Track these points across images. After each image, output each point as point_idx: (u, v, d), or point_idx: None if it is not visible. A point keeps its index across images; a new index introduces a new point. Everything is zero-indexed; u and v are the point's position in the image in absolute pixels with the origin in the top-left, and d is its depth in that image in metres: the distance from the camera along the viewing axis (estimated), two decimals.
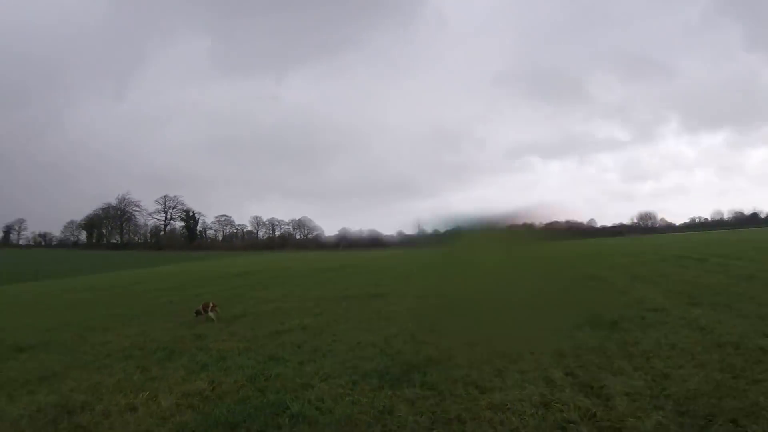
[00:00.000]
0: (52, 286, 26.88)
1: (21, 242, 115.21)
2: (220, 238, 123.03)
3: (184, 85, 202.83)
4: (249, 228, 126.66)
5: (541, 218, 9.84)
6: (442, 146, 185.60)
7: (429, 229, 10.94)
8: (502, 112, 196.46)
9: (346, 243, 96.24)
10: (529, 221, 9.35)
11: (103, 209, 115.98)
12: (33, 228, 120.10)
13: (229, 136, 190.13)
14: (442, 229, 10.21)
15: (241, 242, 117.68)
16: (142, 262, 50.79)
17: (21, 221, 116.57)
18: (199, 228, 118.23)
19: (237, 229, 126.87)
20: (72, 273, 37.26)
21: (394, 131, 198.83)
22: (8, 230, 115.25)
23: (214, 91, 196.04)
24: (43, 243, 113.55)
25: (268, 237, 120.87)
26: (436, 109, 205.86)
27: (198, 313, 11.24)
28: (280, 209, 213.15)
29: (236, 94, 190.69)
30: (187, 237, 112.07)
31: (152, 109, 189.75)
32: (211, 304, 11.27)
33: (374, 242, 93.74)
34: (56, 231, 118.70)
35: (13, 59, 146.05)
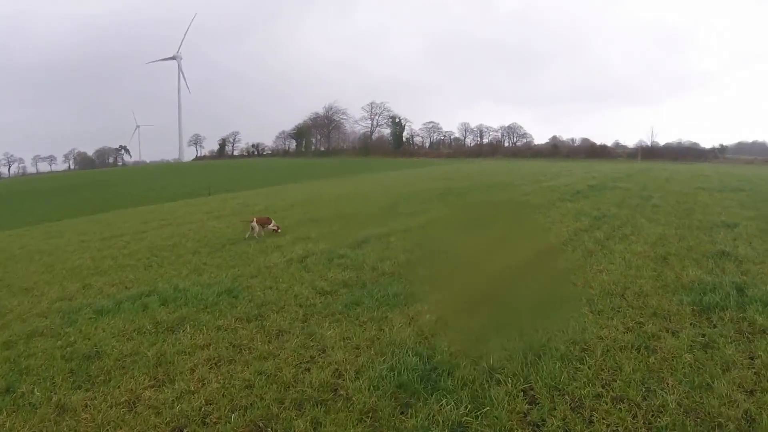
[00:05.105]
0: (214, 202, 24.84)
1: (235, 153, 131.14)
2: (427, 144, 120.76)
3: None
4: (456, 135, 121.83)
5: None
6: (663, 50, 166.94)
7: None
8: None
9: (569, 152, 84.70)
10: None
11: (311, 119, 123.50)
12: (247, 139, 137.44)
13: (444, 44, 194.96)
14: None
15: (448, 149, 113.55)
16: (341, 170, 50.54)
17: (235, 134, 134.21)
18: (405, 134, 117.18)
19: (444, 136, 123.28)
20: (255, 186, 37.91)
21: (614, 34, 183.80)
22: (223, 143, 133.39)
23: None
24: (255, 153, 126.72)
25: (476, 144, 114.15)
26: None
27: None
28: (489, 116, 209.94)
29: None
30: (393, 143, 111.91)
31: (373, 24, 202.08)
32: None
33: (594, 152, 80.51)
34: (269, 141, 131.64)
35: None
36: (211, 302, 6.77)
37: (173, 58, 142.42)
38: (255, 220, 12.24)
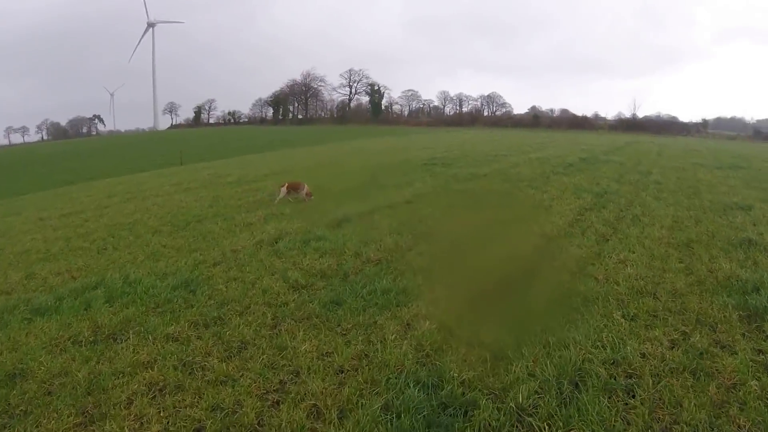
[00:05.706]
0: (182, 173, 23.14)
1: (212, 121, 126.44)
2: (406, 113, 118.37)
3: None
4: (435, 103, 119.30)
5: None
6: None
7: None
8: None
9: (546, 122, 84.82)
10: None
11: (288, 86, 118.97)
12: (223, 107, 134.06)
13: (425, 15, 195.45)
14: None
15: (427, 118, 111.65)
16: (319, 139, 49.15)
17: (211, 101, 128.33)
18: (384, 102, 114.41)
19: (423, 104, 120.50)
20: (230, 154, 36.22)
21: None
22: (199, 111, 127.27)
23: None
24: (232, 121, 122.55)
25: (455, 113, 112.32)
26: None
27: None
28: (469, 85, 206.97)
29: None
30: (371, 111, 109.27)
31: None
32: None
33: (575, 123, 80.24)
34: (246, 109, 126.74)
35: None
36: (163, 299, 5.64)
37: (149, 24, 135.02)
38: (287, 185, 12.14)
